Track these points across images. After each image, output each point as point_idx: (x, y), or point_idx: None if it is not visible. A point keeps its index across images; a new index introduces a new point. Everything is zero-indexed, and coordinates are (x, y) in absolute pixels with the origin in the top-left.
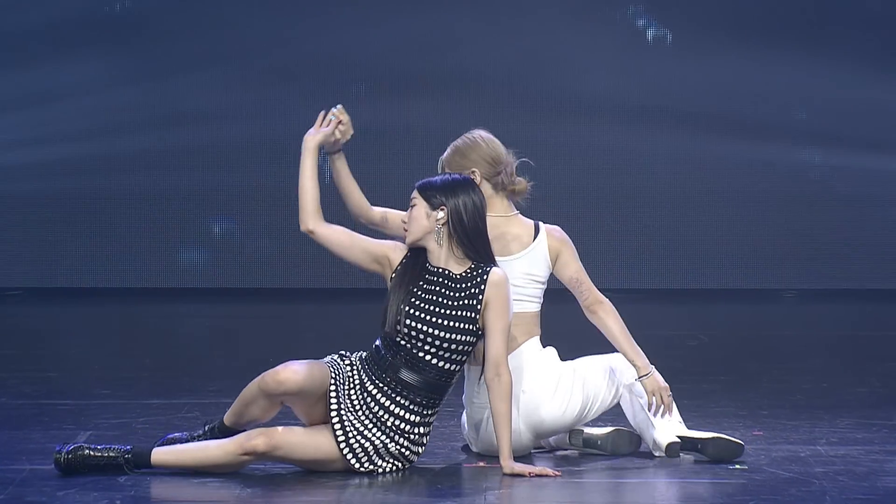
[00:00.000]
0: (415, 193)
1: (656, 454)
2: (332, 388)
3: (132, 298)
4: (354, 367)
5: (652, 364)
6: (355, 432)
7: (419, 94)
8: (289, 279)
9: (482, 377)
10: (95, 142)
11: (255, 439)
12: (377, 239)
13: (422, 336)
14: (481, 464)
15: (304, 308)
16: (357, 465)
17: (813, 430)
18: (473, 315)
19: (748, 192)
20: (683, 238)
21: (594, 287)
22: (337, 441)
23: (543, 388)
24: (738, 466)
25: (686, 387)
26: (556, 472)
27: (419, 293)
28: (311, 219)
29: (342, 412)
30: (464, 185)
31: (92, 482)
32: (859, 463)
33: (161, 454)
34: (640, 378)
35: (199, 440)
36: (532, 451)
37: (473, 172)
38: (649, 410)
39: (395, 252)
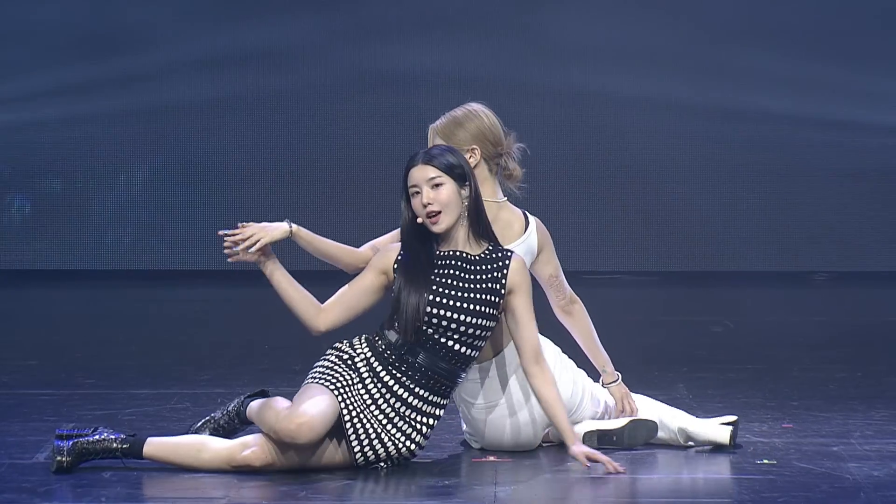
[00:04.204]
0: (435, 172)
1: (707, 446)
2: (344, 411)
3: (118, 282)
4: (362, 360)
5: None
6: (371, 435)
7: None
8: (281, 261)
9: (514, 369)
10: (80, 123)
11: (250, 454)
12: (362, 271)
13: (445, 323)
14: (491, 458)
15: None
16: (364, 464)
17: (846, 422)
18: (496, 299)
19: (776, 169)
20: (707, 217)
21: (568, 286)
22: (352, 451)
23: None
24: (766, 461)
25: (711, 376)
26: (622, 469)
27: (438, 279)
28: (315, 321)
29: (354, 420)
30: (463, 157)
31: (76, 478)
32: None
33: (153, 448)
34: (608, 384)
35: (225, 417)
36: (543, 444)
37: (473, 150)
38: (622, 413)
39: (386, 259)
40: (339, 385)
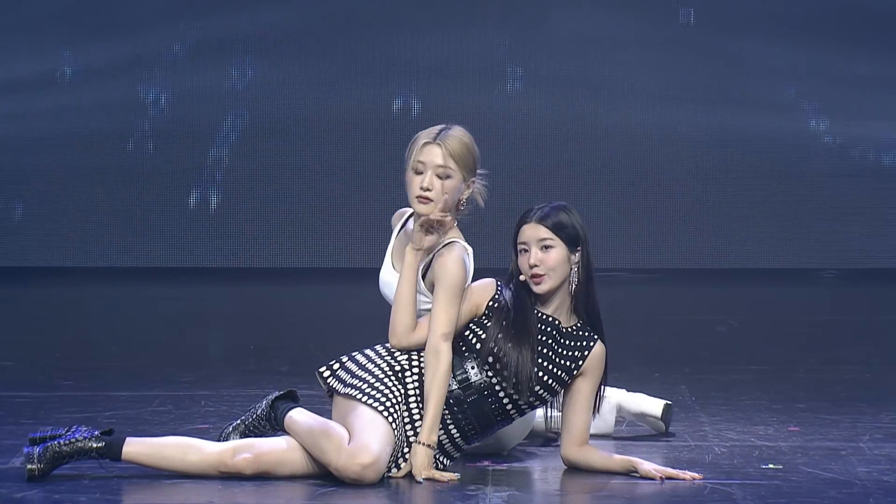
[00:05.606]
0: (547, 233)
1: (654, 422)
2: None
3: (97, 279)
4: (416, 377)
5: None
6: (396, 454)
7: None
8: (266, 259)
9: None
10: (53, 118)
11: (241, 460)
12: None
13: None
14: (485, 463)
15: (282, 290)
16: (387, 477)
17: (855, 425)
18: (566, 378)
19: (780, 164)
20: (710, 213)
21: None
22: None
23: None
24: (771, 466)
25: (714, 377)
26: (699, 476)
27: (539, 347)
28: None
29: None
30: (578, 219)
31: (52, 484)
32: None
33: (134, 449)
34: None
35: (254, 420)
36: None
37: (472, 183)
38: None
39: (483, 296)
40: (388, 405)
